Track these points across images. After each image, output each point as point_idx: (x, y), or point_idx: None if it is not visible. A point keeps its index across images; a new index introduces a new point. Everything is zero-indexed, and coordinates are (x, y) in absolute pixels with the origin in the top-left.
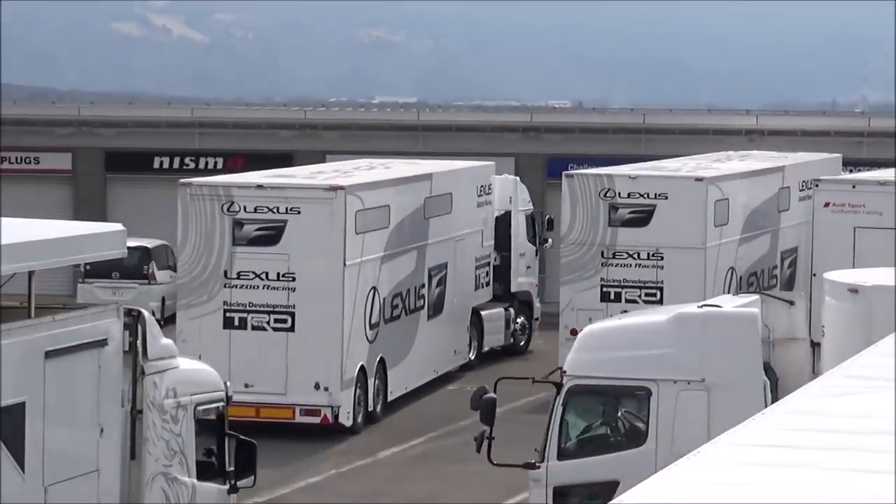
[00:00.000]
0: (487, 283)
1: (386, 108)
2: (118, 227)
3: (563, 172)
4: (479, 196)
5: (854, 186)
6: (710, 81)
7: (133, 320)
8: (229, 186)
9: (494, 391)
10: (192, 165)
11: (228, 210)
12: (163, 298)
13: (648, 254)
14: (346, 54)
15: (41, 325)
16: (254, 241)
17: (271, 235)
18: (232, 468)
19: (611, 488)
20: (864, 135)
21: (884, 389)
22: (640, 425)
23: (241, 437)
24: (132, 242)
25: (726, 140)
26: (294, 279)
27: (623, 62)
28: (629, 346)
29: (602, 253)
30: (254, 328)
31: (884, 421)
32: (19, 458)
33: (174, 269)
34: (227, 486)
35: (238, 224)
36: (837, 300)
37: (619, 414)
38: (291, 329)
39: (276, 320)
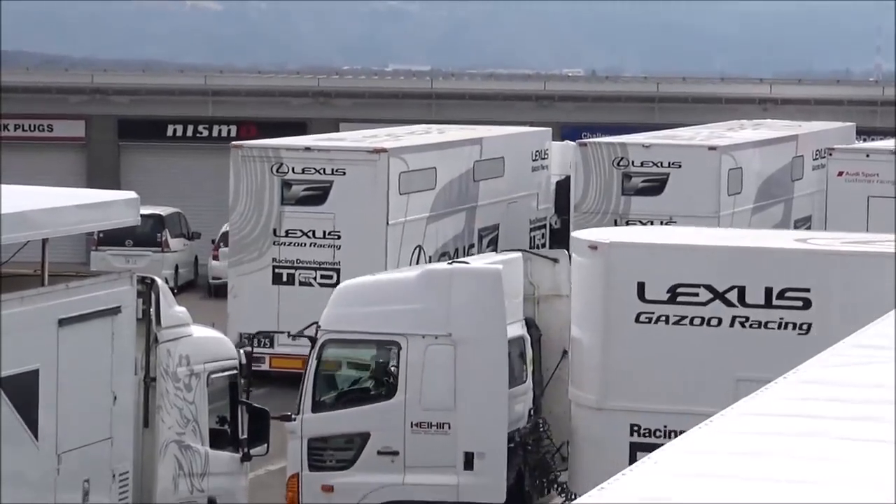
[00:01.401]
0: (543, 245)
1: (399, 77)
2: (131, 194)
3: (577, 141)
4: (533, 160)
5: (868, 155)
6: (723, 49)
7: (146, 288)
8: (278, 149)
9: (253, 344)
10: (205, 133)
11: (277, 171)
12: (176, 266)
13: (662, 222)
14: (359, 22)
15: (55, 292)
16: (301, 201)
17: (318, 195)
18: (245, 436)
19: (363, 439)
20: (878, 103)
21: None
22: (391, 379)
23: (254, 404)
24: (145, 210)
25: (740, 109)
26: (339, 237)
27: (636, 29)
28: (380, 301)
29: (615, 222)
30: (301, 284)
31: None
32: (33, 425)
33: (187, 236)
34: (240, 454)
35: (287, 184)
36: (580, 256)
37: (371, 367)
38: (336, 285)
39: (322, 276)
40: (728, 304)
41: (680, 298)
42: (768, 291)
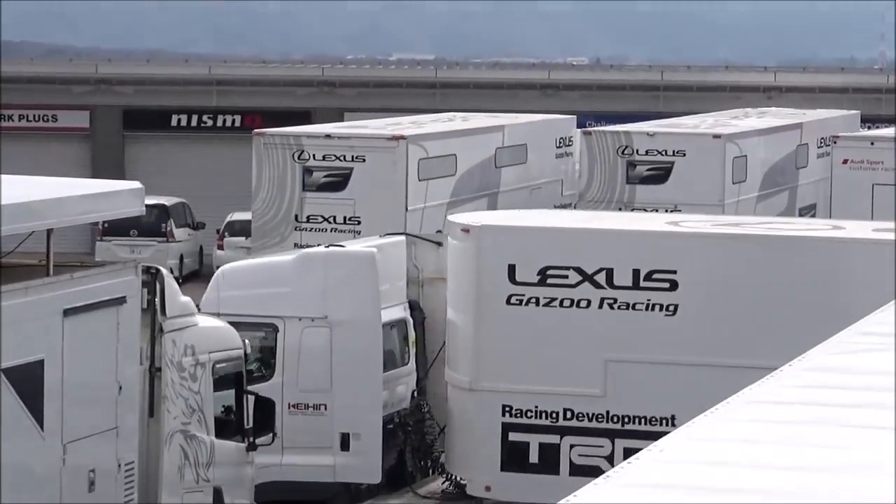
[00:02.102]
0: None
1: (403, 66)
2: (136, 184)
3: (581, 130)
4: (557, 148)
5: (872, 143)
6: (727, 37)
7: (151, 278)
8: (300, 136)
9: None
10: (209, 123)
11: (299, 158)
12: (181, 256)
13: (666, 211)
14: (363, 11)
15: (59, 283)
16: (322, 187)
17: (338, 182)
18: (250, 425)
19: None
20: (883, 91)
21: None
22: (269, 360)
23: (260, 394)
24: (150, 200)
25: (744, 97)
26: (359, 223)
27: (641, 18)
28: (258, 284)
29: (620, 210)
30: None
31: None
32: (38, 415)
33: (192, 226)
34: (245, 444)
35: (308, 171)
36: (454, 239)
37: (250, 349)
38: None
39: None
40: (597, 286)
41: (550, 281)
42: (636, 273)
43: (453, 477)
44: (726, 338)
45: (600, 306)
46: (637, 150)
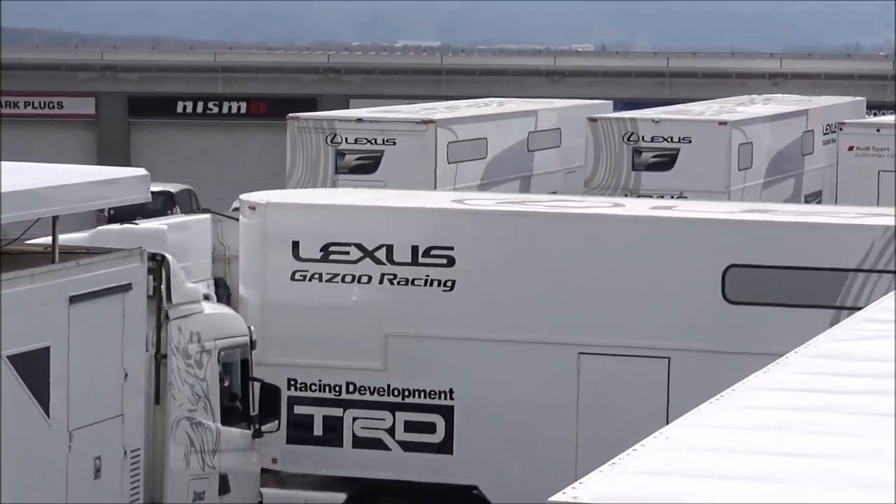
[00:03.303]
0: None
1: (409, 52)
2: (141, 171)
3: (587, 116)
4: None
5: (878, 130)
6: (733, 24)
7: (157, 265)
8: (332, 120)
9: None
10: (215, 110)
11: (332, 141)
12: None
13: (672, 198)
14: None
15: (65, 270)
16: (354, 170)
17: (370, 164)
18: (256, 413)
19: None
20: (888, 78)
21: None
22: None
23: (265, 381)
24: (155, 187)
25: (750, 83)
26: None
27: (646, 4)
28: None
29: (626, 197)
30: None
31: None
32: (44, 402)
33: (197, 213)
34: (251, 431)
35: (340, 154)
36: (244, 217)
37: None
38: None
39: None
40: (377, 262)
41: (332, 257)
42: (414, 250)
43: None
44: (501, 313)
45: (381, 282)
46: (643, 137)
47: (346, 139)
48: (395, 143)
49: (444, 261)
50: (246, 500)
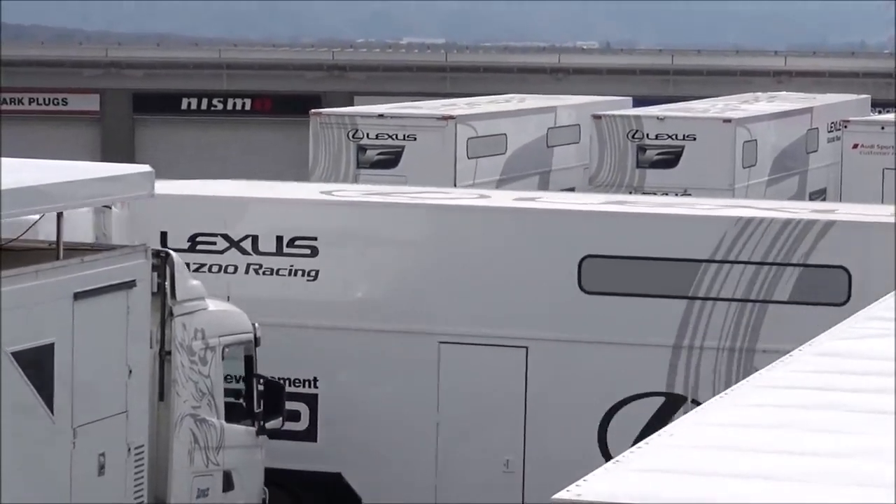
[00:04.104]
0: None
1: (413, 50)
2: (146, 168)
3: (591, 113)
4: None
5: (882, 128)
6: (737, 21)
7: (161, 262)
8: (354, 116)
9: None
10: (219, 107)
11: (353, 136)
12: None
13: (676, 195)
14: None
15: (69, 266)
16: (375, 165)
17: (391, 159)
18: (260, 409)
19: None
20: (893, 76)
21: None
22: None
23: (269, 378)
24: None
25: (754, 81)
26: None
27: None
28: None
29: (630, 194)
30: None
31: None
32: (48, 399)
33: None
34: (255, 428)
35: (362, 149)
36: (116, 207)
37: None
38: None
39: None
40: (243, 252)
41: (199, 247)
42: (279, 240)
43: None
44: (363, 303)
45: (247, 272)
46: (647, 135)
47: (368, 134)
48: (415, 139)
49: (308, 251)
50: (250, 498)
